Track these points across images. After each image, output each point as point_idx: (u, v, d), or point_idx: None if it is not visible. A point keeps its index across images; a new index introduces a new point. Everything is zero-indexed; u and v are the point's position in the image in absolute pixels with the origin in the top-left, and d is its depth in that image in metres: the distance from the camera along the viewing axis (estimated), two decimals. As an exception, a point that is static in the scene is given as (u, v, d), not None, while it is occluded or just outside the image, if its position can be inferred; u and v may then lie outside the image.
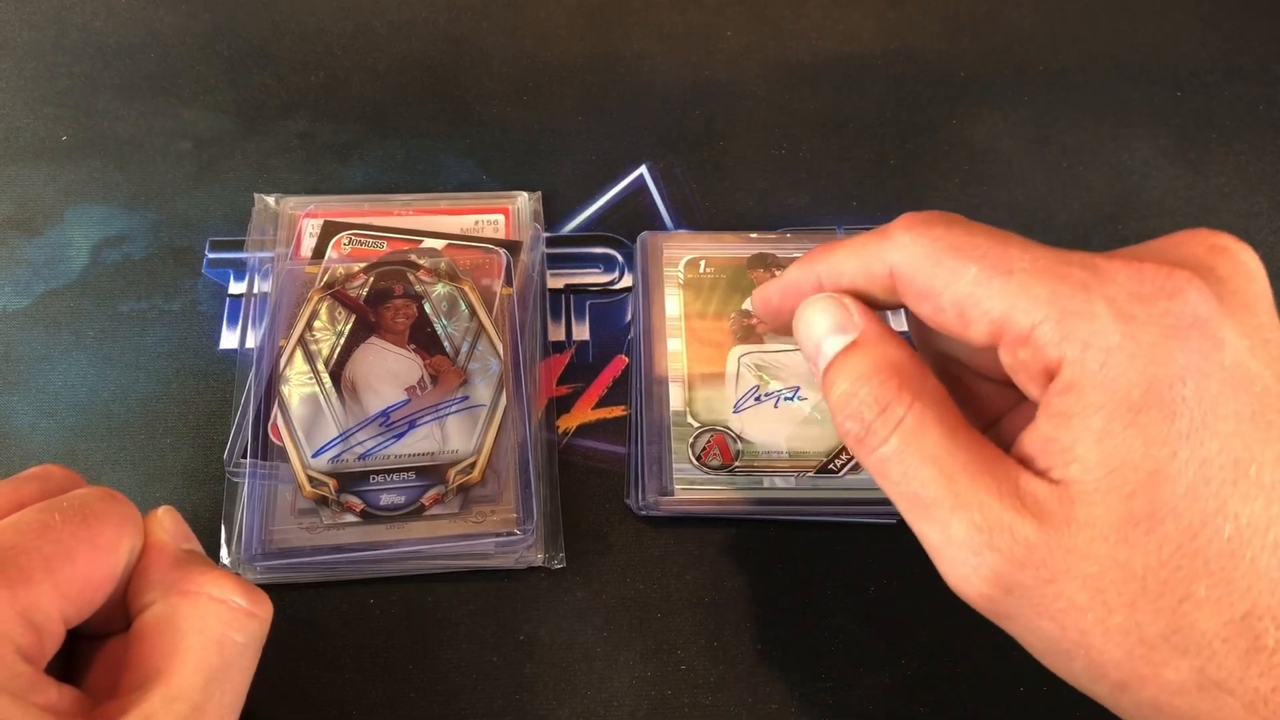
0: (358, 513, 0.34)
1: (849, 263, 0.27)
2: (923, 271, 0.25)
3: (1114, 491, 0.22)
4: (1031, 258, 0.24)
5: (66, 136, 0.45)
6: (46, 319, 0.40)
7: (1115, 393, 0.22)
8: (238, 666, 0.24)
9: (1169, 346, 0.22)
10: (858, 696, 0.33)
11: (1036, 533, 0.22)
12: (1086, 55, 0.51)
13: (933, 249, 0.25)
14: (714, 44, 0.51)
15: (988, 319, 0.24)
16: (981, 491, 0.23)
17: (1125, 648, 0.22)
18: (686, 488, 0.36)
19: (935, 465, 0.24)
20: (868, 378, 0.25)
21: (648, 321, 0.40)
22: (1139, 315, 0.22)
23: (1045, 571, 0.22)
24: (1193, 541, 0.22)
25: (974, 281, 0.24)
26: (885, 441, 0.25)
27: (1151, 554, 0.22)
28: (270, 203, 0.42)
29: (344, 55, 0.49)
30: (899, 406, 0.25)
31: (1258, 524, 0.22)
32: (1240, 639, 0.22)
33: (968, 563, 0.23)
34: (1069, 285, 0.23)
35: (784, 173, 0.46)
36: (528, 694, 0.33)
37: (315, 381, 0.36)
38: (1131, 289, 0.23)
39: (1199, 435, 0.22)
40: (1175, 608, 0.22)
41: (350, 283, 0.38)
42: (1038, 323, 0.23)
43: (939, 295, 0.25)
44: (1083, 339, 0.22)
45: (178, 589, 0.24)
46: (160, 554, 0.25)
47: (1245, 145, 0.48)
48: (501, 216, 0.43)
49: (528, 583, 0.35)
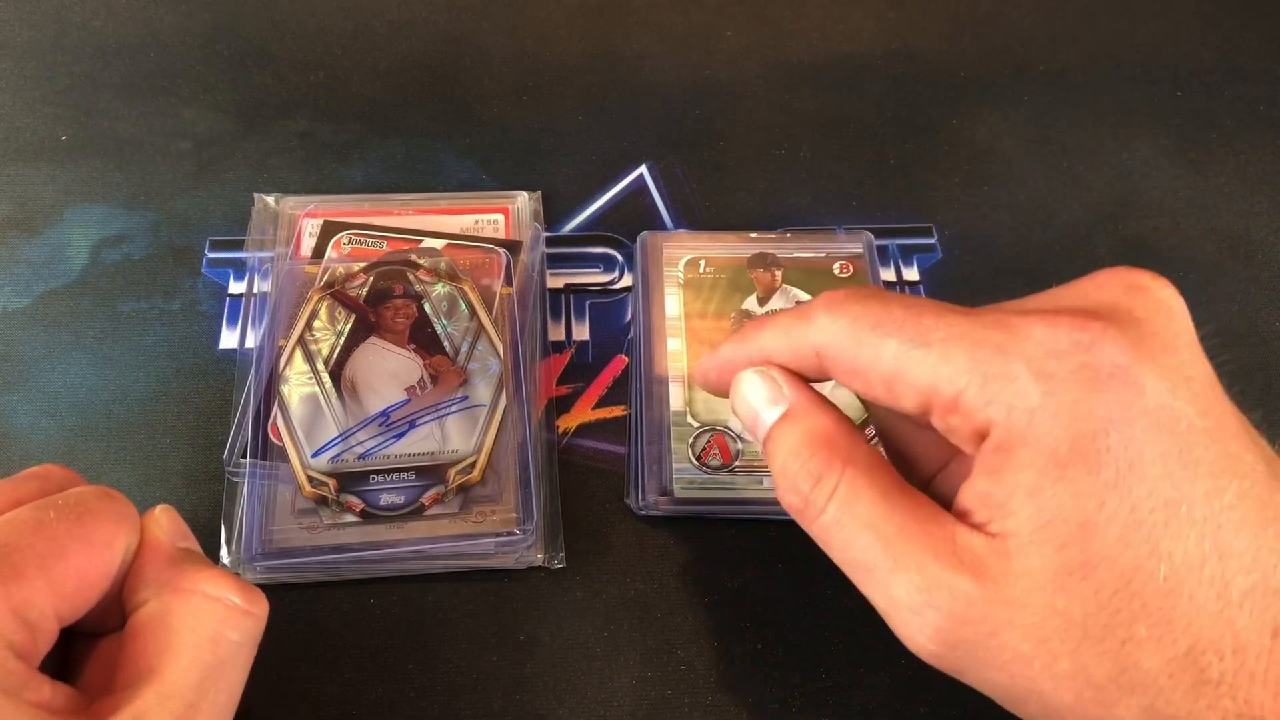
0: (358, 513, 0.34)
1: (777, 342, 0.28)
2: (846, 351, 0.25)
3: (1047, 543, 0.23)
4: (947, 324, 0.24)
5: (66, 136, 0.45)
6: (46, 319, 0.40)
7: (1042, 450, 0.23)
8: (233, 665, 0.24)
9: (1090, 400, 0.23)
10: (858, 696, 0.33)
11: (974, 587, 0.23)
12: (1086, 55, 0.51)
13: (853, 328, 0.25)
14: (714, 44, 0.51)
15: (914, 390, 0.24)
16: (918, 551, 0.24)
17: (1074, 691, 0.23)
18: (686, 488, 0.36)
19: (872, 530, 0.25)
20: (799, 451, 0.26)
21: (648, 321, 0.40)
22: (1056, 372, 0.23)
23: (987, 625, 0.23)
24: (1128, 585, 0.22)
25: (895, 357, 0.24)
26: (823, 511, 0.25)
27: (1089, 600, 0.22)
28: (270, 202, 0.42)
29: (344, 55, 0.49)
30: (831, 477, 0.25)
31: (1192, 561, 0.22)
32: (1185, 674, 0.22)
33: (912, 623, 0.24)
34: (986, 349, 0.23)
35: (784, 173, 0.46)
36: (528, 694, 0.33)
37: (315, 381, 0.36)
38: (1047, 346, 0.23)
39: (1126, 483, 0.22)
40: (1118, 650, 0.22)
41: (350, 282, 0.38)
42: (961, 389, 0.23)
43: (866, 373, 0.25)
44: (1006, 402, 0.23)
45: (172, 586, 0.24)
46: (156, 552, 0.25)
47: (1245, 145, 0.48)
48: (501, 216, 0.43)
49: (528, 583, 0.35)
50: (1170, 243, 0.45)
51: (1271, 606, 0.22)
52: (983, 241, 0.44)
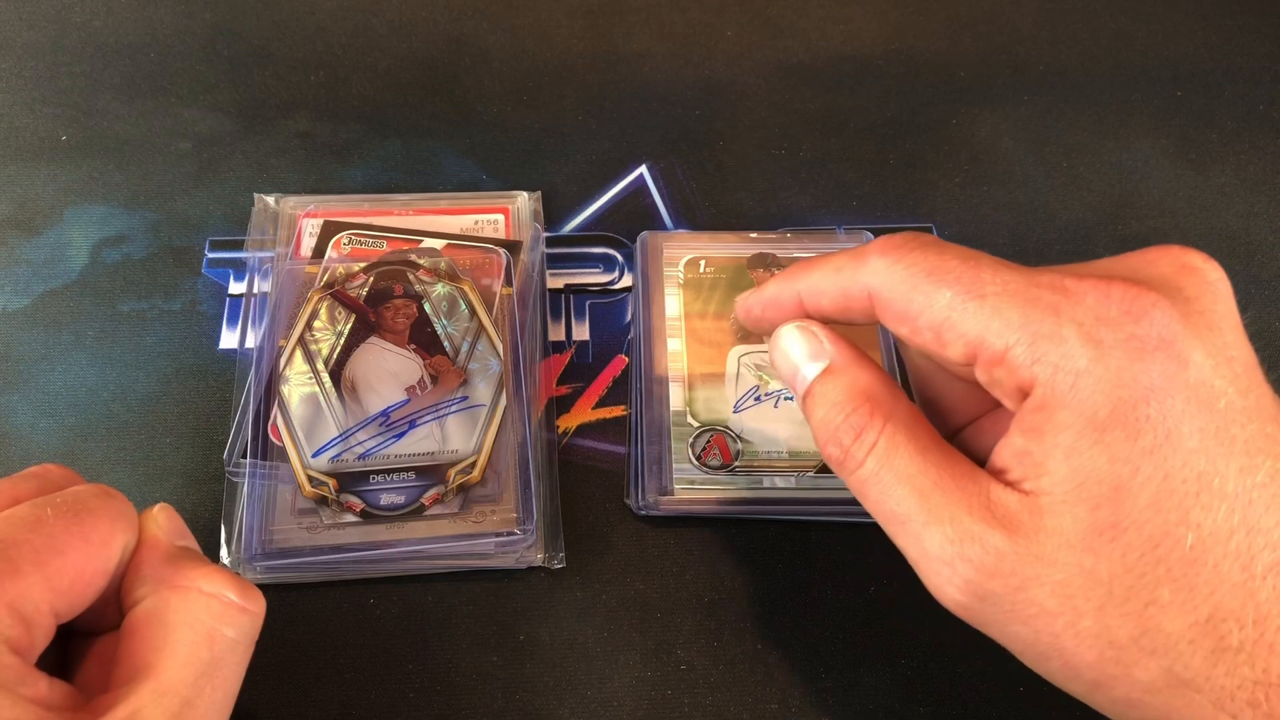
0: (358, 512, 0.34)
1: (827, 283, 0.28)
2: (899, 297, 0.26)
3: (1080, 503, 0.23)
4: (1003, 281, 0.25)
5: (66, 136, 0.45)
6: (46, 319, 0.40)
7: (1083, 413, 0.23)
8: (229, 662, 0.24)
9: (1134, 368, 0.23)
10: (858, 696, 0.33)
11: (1006, 542, 0.24)
12: (1086, 55, 0.51)
13: (908, 275, 0.26)
14: (714, 44, 0.51)
15: (963, 341, 0.25)
16: (953, 505, 0.24)
17: (1096, 650, 0.23)
18: (686, 487, 0.36)
19: (909, 484, 0.25)
20: (842, 405, 0.27)
21: (647, 321, 0.40)
22: (1106, 339, 0.23)
23: (1015, 579, 0.24)
24: (1155, 550, 0.23)
25: (949, 306, 0.25)
26: (862, 464, 0.26)
27: (1116, 561, 0.23)
28: (270, 202, 0.42)
29: (344, 55, 0.49)
30: (872, 431, 0.26)
31: (1219, 533, 0.23)
32: (1205, 640, 0.23)
33: (942, 573, 0.25)
34: (1039, 309, 0.24)
35: (784, 173, 0.46)
36: (528, 694, 0.33)
37: (315, 381, 0.36)
38: (1099, 312, 0.24)
39: (1162, 452, 0.23)
40: (1141, 611, 0.23)
41: (350, 282, 0.38)
42: (1011, 345, 0.24)
43: (915, 319, 0.25)
44: (1053, 362, 0.24)
45: (169, 584, 0.24)
46: (153, 550, 0.25)
47: (1245, 145, 0.48)
48: (501, 216, 0.43)
49: (528, 583, 0.35)
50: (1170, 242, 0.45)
51: None
52: (983, 241, 0.44)
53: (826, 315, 0.29)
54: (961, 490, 0.25)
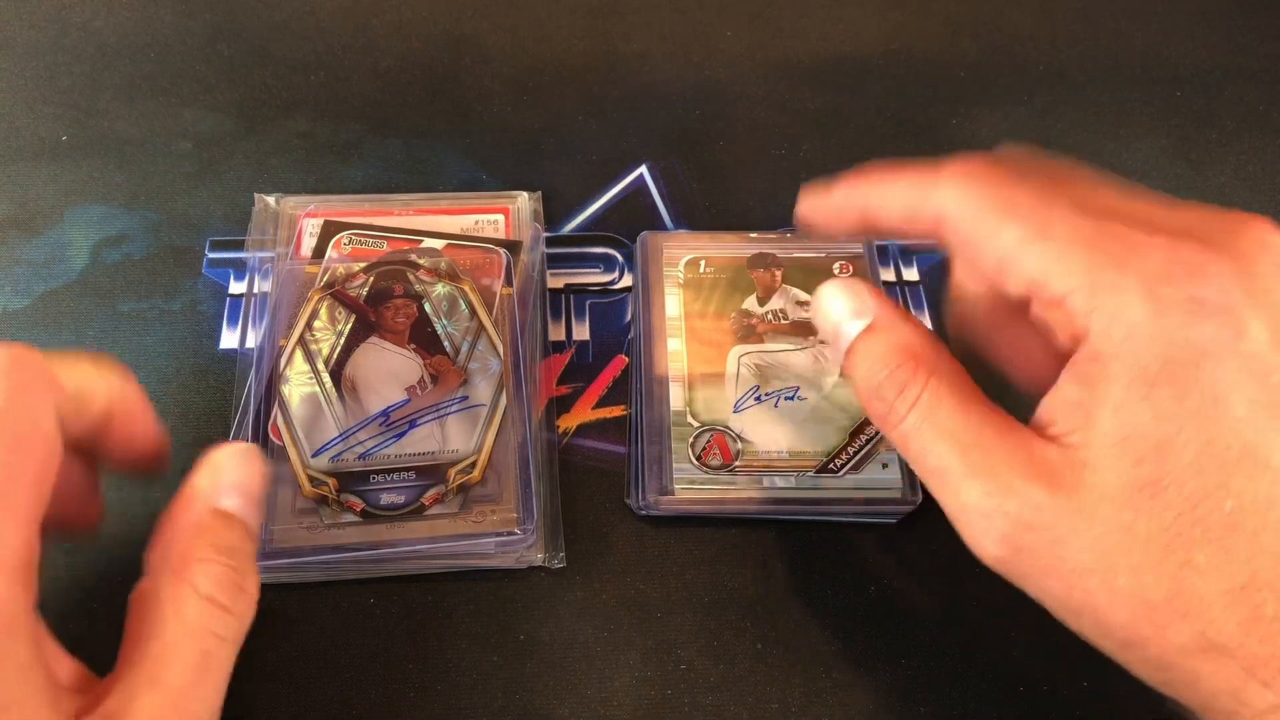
0: (358, 512, 0.34)
1: (897, 199, 0.28)
2: (965, 224, 0.26)
3: (1124, 457, 0.23)
4: (1072, 226, 0.25)
5: (67, 136, 0.45)
6: (46, 319, 0.40)
7: (1134, 366, 0.23)
8: (218, 658, 0.25)
9: (1190, 329, 0.23)
10: (858, 696, 0.33)
11: (1045, 496, 0.24)
12: (1086, 55, 0.51)
13: (979, 205, 0.26)
14: (714, 44, 0.51)
15: (1025, 278, 0.25)
16: (993, 459, 0.25)
17: (1130, 608, 0.23)
18: (687, 487, 0.36)
19: (950, 438, 0.25)
20: (886, 360, 0.27)
21: (648, 321, 0.40)
22: (1166, 296, 0.23)
23: (1052, 533, 0.24)
24: (1194, 511, 0.23)
25: (1015, 243, 0.25)
26: (904, 419, 0.26)
27: (1154, 519, 0.23)
28: (270, 202, 0.42)
29: (344, 55, 0.49)
30: (915, 386, 0.26)
31: (1260, 503, 0.23)
32: (1240, 606, 0.23)
33: (978, 525, 0.25)
34: (1104, 259, 0.24)
35: (784, 173, 0.46)
36: (528, 693, 0.33)
37: (315, 381, 0.36)
38: (1164, 269, 0.24)
39: (1209, 414, 0.23)
40: (1176, 572, 0.23)
41: (350, 282, 0.38)
42: (1071, 290, 0.24)
43: (979, 247, 0.26)
44: (1110, 312, 0.24)
45: (173, 570, 0.25)
46: (185, 510, 0.26)
47: (1245, 145, 0.48)
48: (501, 216, 0.43)
49: (528, 582, 0.35)
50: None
51: None
52: (983, 241, 0.44)
53: (889, 230, 0.29)
54: (1003, 444, 0.25)
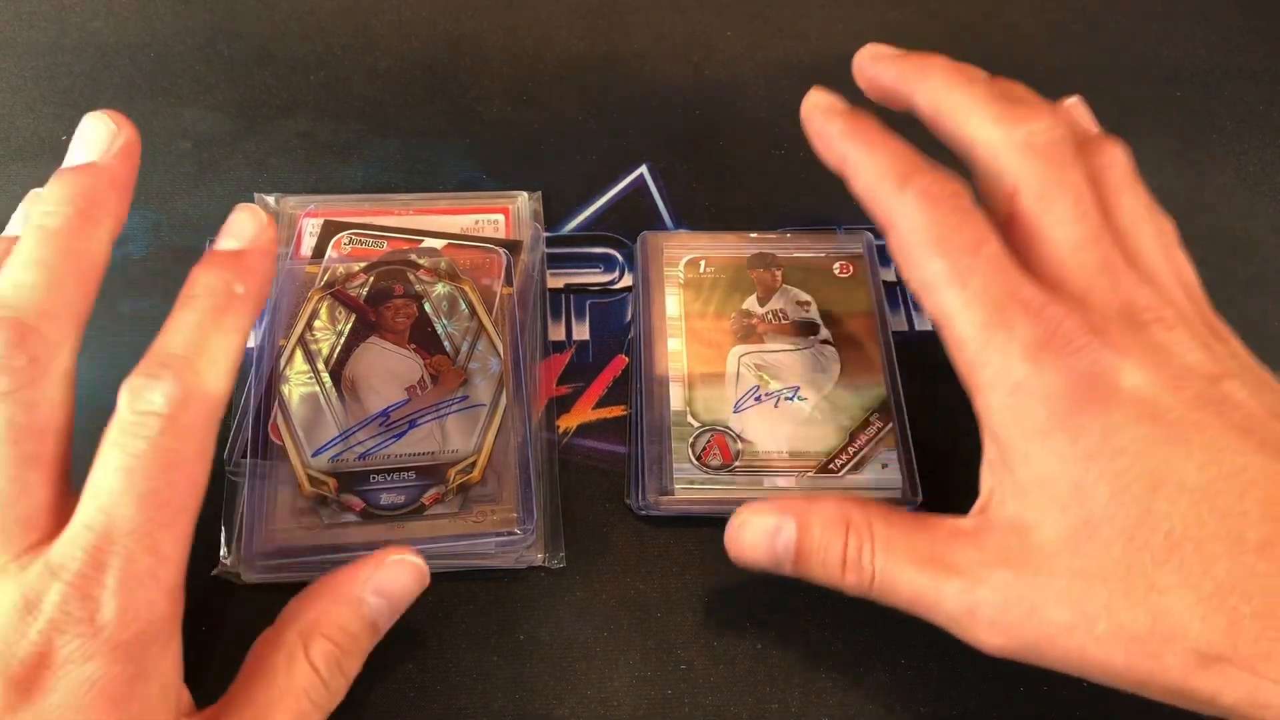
0: (358, 512, 0.34)
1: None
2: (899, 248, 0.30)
3: (1050, 509, 0.25)
4: (984, 280, 0.27)
5: (66, 136, 0.45)
6: (46, 319, 0.40)
7: (1028, 423, 0.26)
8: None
9: (1067, 385, 0.25)
10: (858, 696, 0.33)
11: (1007, 573, 0.25)
12: (1086, 55, 0.51)
13: (921, 231, 0.29)
14: (714, 44, 0.51)
15: (938, 311, 0.28)
16: (954, 559, 0.26)
17: (1121, 648, 0.24)
18: (686, 487, 0.36)
19: (914, 562, 0.27)
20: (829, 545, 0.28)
21: (647, 321, 0.40)
22: (1044, 360, 0.25)
23: (1026, 603, 0.25)
24: (1133, 540, 0.24)
25: (937, 275, 0.28)
26: (875, 572, 0.28)
27: (1102, 556, 0.24)
28: (270, 202, 0.42)
29: (344, 55, 0.49)
30: (864, 543, 0.28)
31: (1190, 520, 0.24)
32: (1216, 615, 0.23)
33: (970, 628, 0.26)
34: (1000, 319, 0.26)
35: (784, 173, 0.46)
36: (528, 693, 0.33)
37: (315, 381, 0.36)
38: (1044, 339, 0.26)
39: (1104, 453, 0.25)
40: (1145, 600, 0.24)
41: (350, 282, 0.38)
42: (968, 339, 0.27)
43: (907, 270, 0.29)
44: (996, 368, 0.26)
45: (299, 630, 0.28)
46: (336, 586, 0.29)
47: (1245, 145, 0.48)
48: (501, 216, 0.43)
49: (528, 582, 0.35)
50: (1170, 243, 0.45)
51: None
52: (983, 241, 0.44)
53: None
54: (956, 544, 0.27)
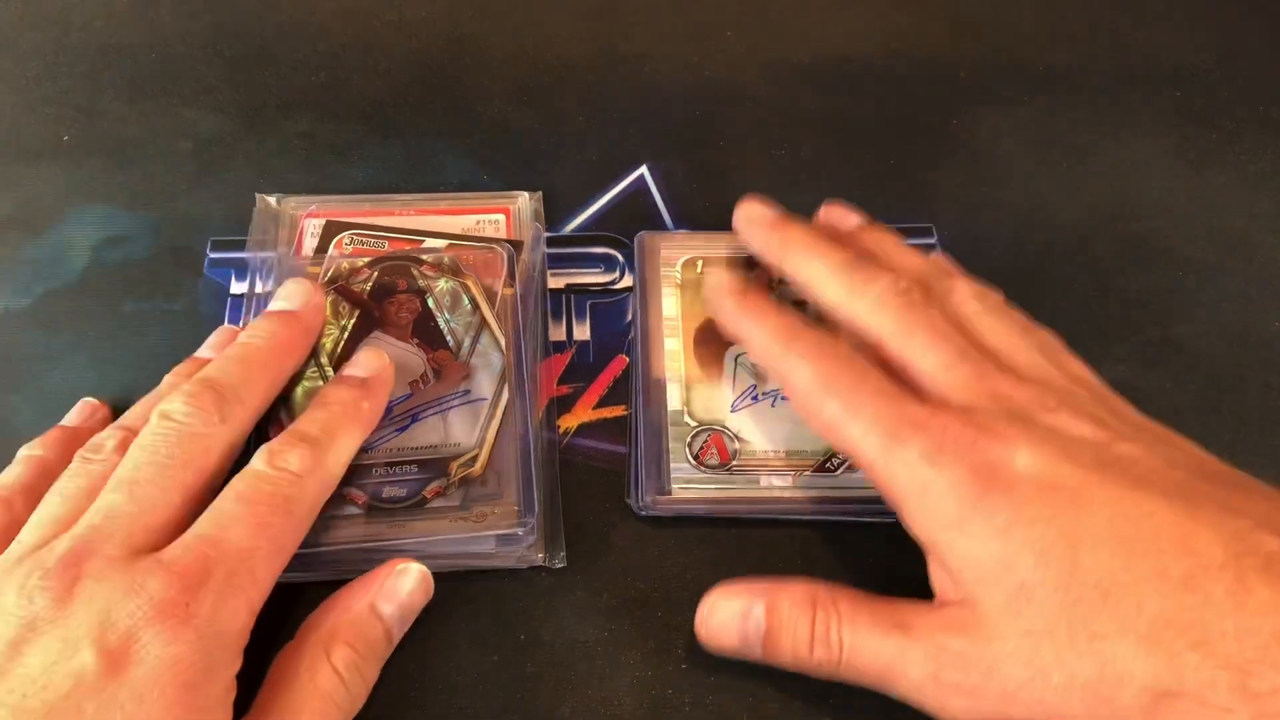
0: (360, 505, 0.34)
1: None
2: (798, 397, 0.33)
3: (985, 582, 0.27)
4: (875, 408, 0.30)
5: (68, 136, 0.45)
6: (47, 319, 0.40)
7: (945, 515, 0.28)
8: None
9: (968, 475, 0.28)
10: (858, 696, 0.33)
11: (964, 640, 0.27)
12: (1086, 55, 0.51)
13: (815, 384, 0.32)
14: (714, 44, 0.51)
15: (841, 441, 0.31)
16: (917, 628, 0.28)
17: (1079, 698, 0.25)
18: (684, 487, 0.36)
19: (880, 632, 0.29)
20: (798, 623, 0.30)
21: (645, 322, 0.40)
22: (943, 460, 0.28)
23: (984, 664, 0.27)
24: (1066, 595, 0.26)
25: (835, 412, 0.31)
26: (843, 646, 0.29)
27: (1041, 614, 0.26)
28: (272, 203, 0.42)
29: (345, 55, 0.49)
30: (832, 624, 0.30)
31: (1114, 568, 0.26)
32: (1157, 651, 0.25)
33: (937, 693, 0.28)
34: (894, 434, 0.29)
35: (784, 173, 0.46)
36: (528, 693, 0.33)
37: (319, 375, 0.36)
38: (940, 443, 0.28)
39: (1017, 526, 0.27)
40: (1090, 646, 0.25)
41: (354, 277, 0.39)
42: (872, 461, 0.30)
43: (812, 415, 0.32)
44: (904, 478, 0.29)
45: (319, 639, 0.30)
46: (351, 598, 0.31)
47: (1245, 145, 0.48)
48: (502, 216, 0.43)
49: (528, 582, 0.35)
50: (1170, 243, 0.45)
51: (1220, 581, 0.24)
52: (983, 241, 0.44)
53: None
54: (918, 616, 0.29)
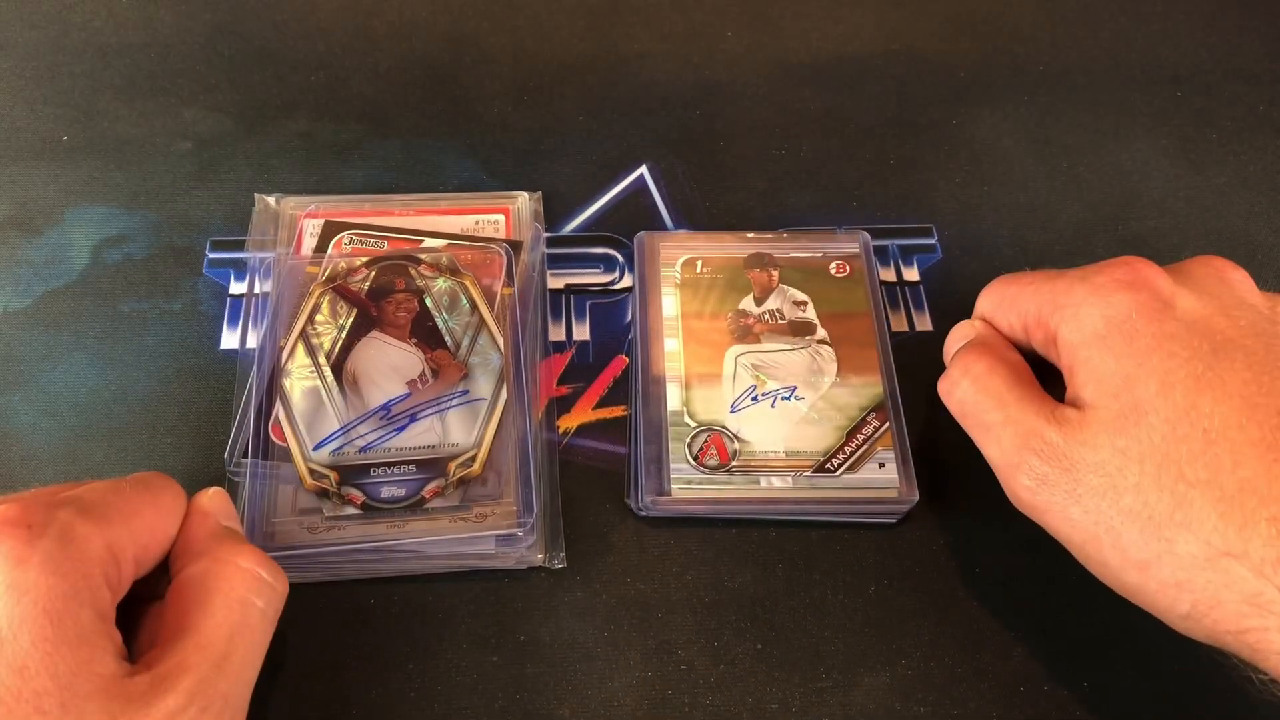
0: (358, 505, 0.34)
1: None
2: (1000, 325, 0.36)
3: (1104, 395, 0.29)
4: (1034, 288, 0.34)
5: (67, 136, 0.45)
6: (47, 319, 0.40)
7: (1089, 333, 0.30)
8: (258, 627, 0.28)
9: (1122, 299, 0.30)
10: (858, 696, 0.33)
11: (1059, 435, 0.30)
12: (1086, 55, 0.51)
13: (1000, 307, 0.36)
14: (714, 44, 0.51)
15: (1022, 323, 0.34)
16: (1025, 414, 0.31)
17: (1139, 524, 0.27)
18: (684, 487, 0.36)
19: (997, 402, 0.32)
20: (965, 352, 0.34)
21: (644, 321, 0.40)
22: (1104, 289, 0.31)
23: (1067, 462, 0.29)
24: (1174, 431, 0.27)
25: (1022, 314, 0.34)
26: (958, 384, 0.33)
27: (1143, 440, 0.28)
28: (271, 203, 0.42)
29: (344, 55, 0.49)
30: (977, 364, 0.33)
31: (1231, 422, 0.27)
32: (1235, 513, 0.26)
33: (1013, 465, 0.30)
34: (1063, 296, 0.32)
35: (784, 173, 0.46)
36: (528, 694, 0.33)
37: (317, 375, 0.36)
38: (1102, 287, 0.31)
39: (1156, 354, 0.29)
40: (1173, 487, 0.27)
41: (352, 277, 0.38)
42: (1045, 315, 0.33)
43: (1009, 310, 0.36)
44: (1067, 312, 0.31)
45: (211, 556, 0.28)
46: (202, 524, 0.30)
47: (1245, 145, 0.48)
48: (502, 216, 0.43)
49: (528, 583, 0.35)
50: (1170, 243, 0.45)
51: None
52: (983, 241, 0.44)
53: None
54: (1034, 405, 0.31)
